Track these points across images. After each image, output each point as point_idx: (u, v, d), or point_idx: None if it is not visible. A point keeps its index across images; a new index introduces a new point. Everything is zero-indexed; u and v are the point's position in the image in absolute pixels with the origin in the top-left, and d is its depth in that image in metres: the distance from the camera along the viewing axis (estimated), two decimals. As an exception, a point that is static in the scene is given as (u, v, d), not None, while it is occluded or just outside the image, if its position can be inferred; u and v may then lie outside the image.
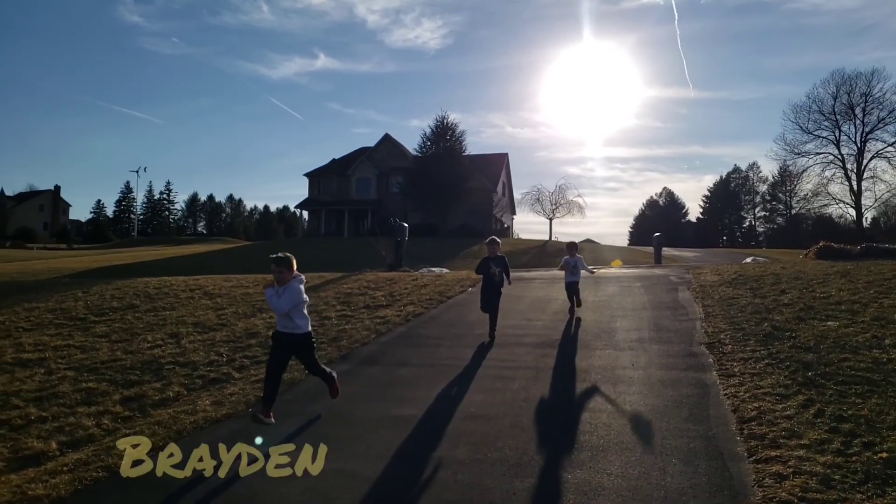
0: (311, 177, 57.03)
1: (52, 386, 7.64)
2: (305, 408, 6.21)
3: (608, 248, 44.24)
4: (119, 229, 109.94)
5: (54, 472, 4.89)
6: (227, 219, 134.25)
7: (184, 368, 8.05)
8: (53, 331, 10.74)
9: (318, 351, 7.34)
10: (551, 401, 6.01)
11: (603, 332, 8.96)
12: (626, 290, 12.79)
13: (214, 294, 13.51)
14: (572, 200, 51.20)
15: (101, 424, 6.27)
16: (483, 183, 51.38)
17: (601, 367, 7.13)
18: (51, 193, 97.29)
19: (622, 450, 4.71)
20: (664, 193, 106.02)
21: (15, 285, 17.04)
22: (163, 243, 68.81)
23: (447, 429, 5.35)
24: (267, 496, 4.22)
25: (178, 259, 33.81)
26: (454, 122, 52.62)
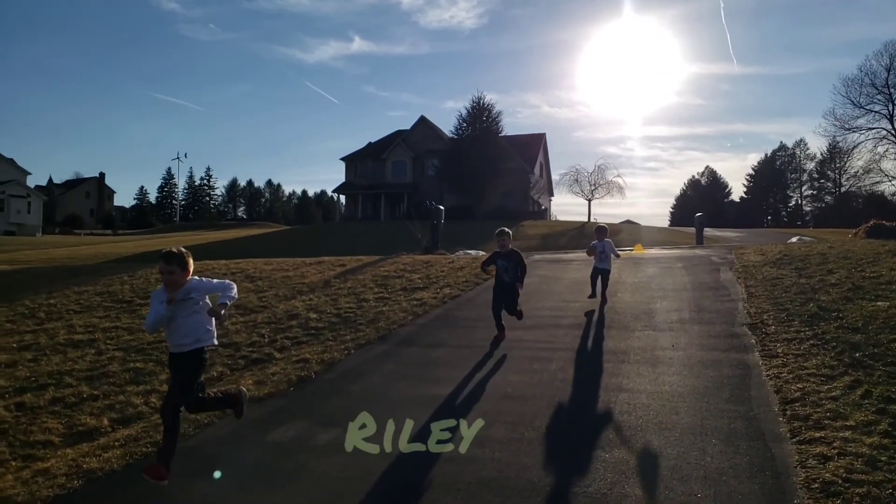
0: (348, 161, 57.44)
1: (103, 366, 7.92)
2: (347, 387, 6.31)
3: (648, 228, 43.56)
4: (162, 215, 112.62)
5: (107, 447, 5.09)
6: (266, 204, 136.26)
7: (226, 349, 8.24)
8: (102, 313, 11.10)
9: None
10: (589, 381, 5.98)
11: (642, 313, 8.86)
12: (667, 271, 12.61)
13: (255, 277, 13.76)
14: (611, 181, 50.62)
15: (148, 402, 6.49)
16: (520, 164, 51.04)
17: (640, 348, 7.07)
18: (96, 181, 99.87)
19: (661, 430, 4.68)
20: (706, 173, 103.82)
21: (65, 270, 17.64)
22: (204, 228, 70.31)
23: (484, 408, 5.38)
24: (310, 471, 4.32)
25: (219, 244, 34.53)
26: (490, 103, 52.41)
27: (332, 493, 3.96)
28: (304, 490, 4.03)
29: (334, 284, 12.46)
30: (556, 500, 3.68)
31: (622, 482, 3.86)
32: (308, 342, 8.27)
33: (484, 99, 52.18)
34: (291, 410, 5.66)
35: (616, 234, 32.31)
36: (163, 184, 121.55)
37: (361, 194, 56.25)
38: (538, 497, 3.77)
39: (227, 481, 4.30)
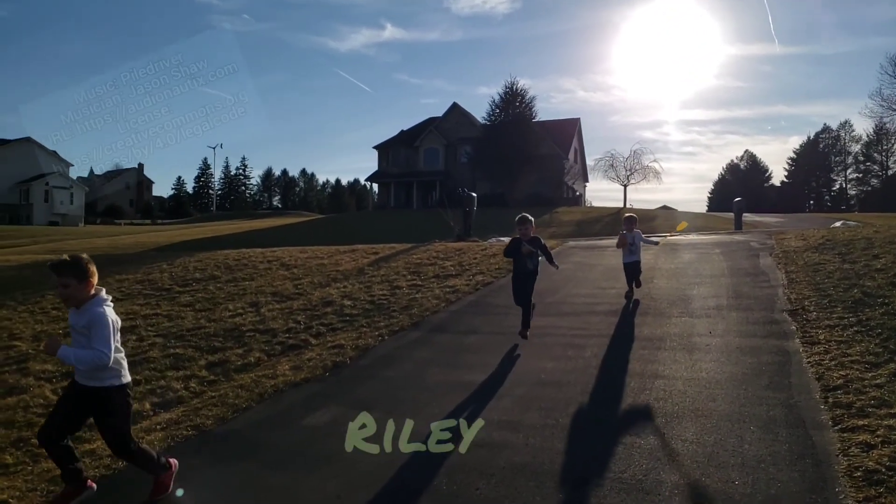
0: (380, 149, 57.62)
1: (144, 351, 8.12)
2: (381, 372, 6.37)
3: (685, 214, 42.81)
4: (199, 204, 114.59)
5: (149, 430, 5.23)
6: (300, 193, 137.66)
7: (263, 335, 8.38)
8: (142, 300, 11.37)
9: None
10: (624, 368, 5.93)
11: (679, 299, 8.73)
12: (704, 257, 12.39)
13: (291, 265, 13.94)
14: (648, 166, 49.81)
15: (188, 387, 6.64)
16: (553, 150, 50.55)
17: (676, 334, 6.97)
18: (135, 171, 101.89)
19: (697, 417, 4.61)
20: (746, 157, 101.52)
21: (106, 259, 18.11)
22: (240, 217, 71.42)
23: (518, 394, 5.38)
24: (345, 455, 4.37)
25: (255, 232, 35.05)
26: (523, 88, 51.94)
27: (367, 475, 4.01)
28: (339, 473, 4.09)
29: (368, 272, 12.55)
30: (591, 486, 3.67)
31: (658, 469, 3.82)
32: (343, 328, 8.36)
33: (517, 84, 51.81)
34: (327, 395, 5.74)
35: (651, 220, 31.91)
36: (199, 174, 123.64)
37: (394, 182, 56.42)
38: (572, 483, 3.76)
39: (265, 464, 4.38)
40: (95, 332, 3.60)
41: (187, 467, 4.34)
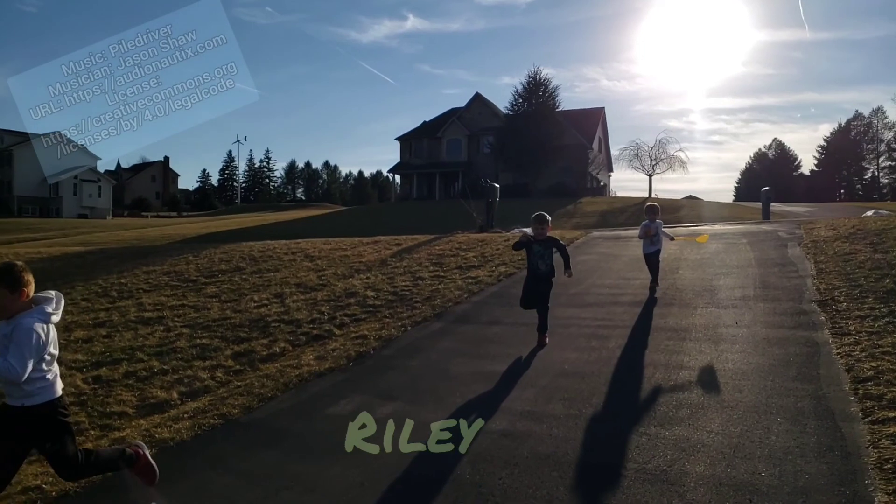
0: (403, 140, 57.66)
1: (171, 342, 8.25)
2: (404, 363, 6.40)
3: (711, 204, 42.23)
4: (224, 197, 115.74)
5: (176, 419, 5.31)
6: (323, 185, 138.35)
7: (288, 326, 8.46)
8: (169, 292, 11.54)
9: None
10: (648, 359, 5.88)
11: (704, 290, 8.63)
12: (731, 247, 12.22)
13: (314, 256, 14.04)
14: (673, 155, 49.15)
15: (215, 377, 6.74)
16: (577, 139, 50.14)
17: (702, 325, 6.89)
18: (161, 164, 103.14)
19: (723, 408, 4.56)
20: (774, 145, 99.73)
21: (134, 251, 18.40)
22: (264, 210, 72.01)
23: (541, 385, 5.37)
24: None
25: (279, 224, 35.34)
26: (547, 78, 51.53)
27: (391, 464, 4.03)
28: (362, 462, 4.11)
29: (390, 263, 12.59)
30: (614, 476, 3.65)
31: (682, 459, 3.79)
32: (366, 319, 8.41)
33: (540, 74, 51.39)
34: (350, 385, 5.79)
35: (677, 211, 31.55)
36: (224, 167, 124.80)
37: (416, 174, 56.46)
38: (595, 473, 3.75)
39: (289, 452, 4.43)
40: (14, 345, 3.23)
41: (215, 455, 4.43)
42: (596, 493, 3.49)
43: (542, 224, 6.68)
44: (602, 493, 3.47)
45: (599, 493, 3.48)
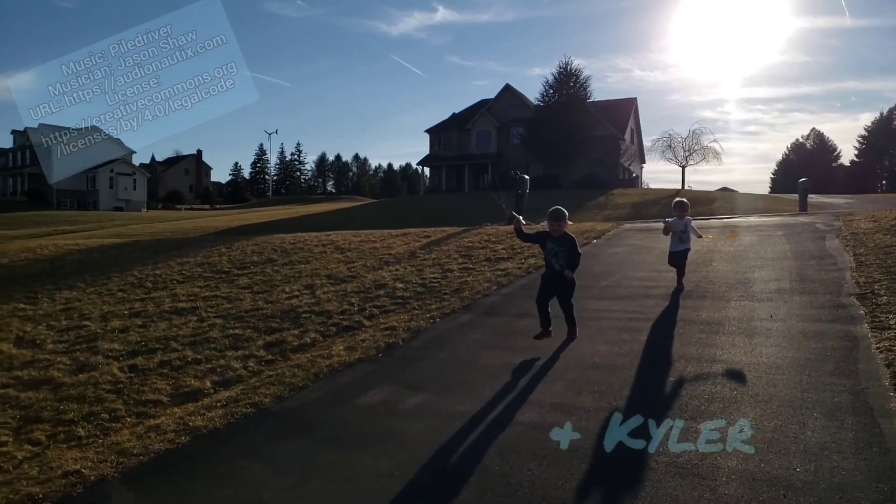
0: (432, 132, 57.58)
1: (204, 332, 8.40)
2: (432, 354, 6.42)
3: (746, 196, 41.39)
4: (255, 190, 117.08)
5: (210, 407, 5.41)
6: (353, 178, 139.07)
7: (319, 317, 8.55)
8: (203, 283, 11.74)
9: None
10: (680, 352, 5.80)
11: (738, 282, 8.47)
12: (766, 239, 11.99)
13: (344, 248, 14.14)
14: (707, 146, 47.95)
15: (247, 367, 6.84)
16: (609, 130, 49.51)
17: (736, 318, 6.77)
18: (194, 158, 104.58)
19: (756, 402, 4.48)
20: (812, 135, 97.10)
21: (168, 243, 18.74)
22: (295, 202, 72.66)
23: (570, 377, 5.33)
24: (398, 434, 4.44)
25: (310, 217, 35.64)
26: (578, 68, 50.86)
27: (420, 454, 4.05)
28: (391, 451, 4.15)
29: (419, 255, 12.61)
30: (645, 468, 3.61)
31: (714, 453, 3.73)
32: (395, 311, 8.44)
33: (571, 64, 50.74)
34: (380, 376, 5.82)
35: (711, 203, 31.01)
36: (256, 160, 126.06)
37: (445, 166, 56.38)
38: (625, 466, 3.71)
39: (320, 441, 4.48)
40: None
41: (246, 443, 4.50)
42: (626, 486, 3.45)
43: (559, 220, 6.24)
44: (632, 487, 3.43)
45: (630, 486, 3.45)
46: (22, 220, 44.28)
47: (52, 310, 10.60)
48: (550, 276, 6.33)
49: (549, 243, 6.24)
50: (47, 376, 7.17)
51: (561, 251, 6.19)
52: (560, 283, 6.25)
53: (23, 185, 71.28)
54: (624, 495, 3.37)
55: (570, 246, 6.20)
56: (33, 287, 12.67)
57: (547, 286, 6.36)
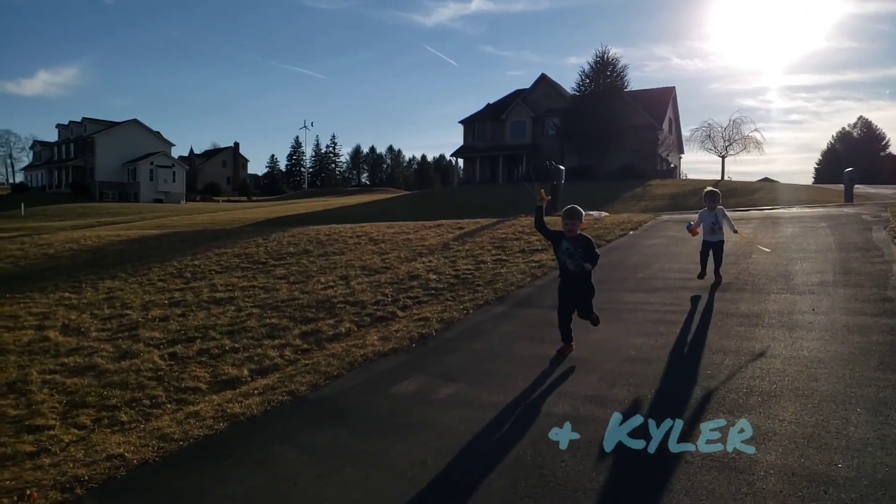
0: (466, 123, 57.41)
1: (242, 321, 8.54)
2: (465, 345, 6.42)
3: (788, 186, 40.36)
4: (291, 182, 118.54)
5: (247, 395, 5.51)
6: (387, 169, 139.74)
7: (353, 307, 8.63)
8: (240, 273, 11.94)
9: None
10: (718, 345, 5.69)
11: (779, 275, 8.28)
12: (809, 231, 11.69)
13: (378, 240, 14.23)
14: (748, 136, 46.76)
15: (283, 355, 6.95)
16: (646, 120, 48.69)
17: (776, 311, 6.62)
18: (231, 150, 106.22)
19: (797, 396, 4.38)
20: (859, 124, 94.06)
21: (207, 234, 19.10)
22: (330, 194, 73.43)
23: (605, 369, 5.28)
24: (432, 423, 4.46)
25: (344, 209, 35.93)
26: (615, 57, 50.18)
27: (453, 443, 4.07)
28: (425, 440, 4.17)
29: (453, 247, 12.62)
30: (680, 462, 3.56)
31: (751, 444, 3.66)
32: (428, 302, 8.47)
33: (608, 53, 50.07)
34: (413, 366, 5.85)
35: (752, 193, 30.33)
36: (291, 152, 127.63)
37: (479, 157, 56.19)
38: (661, 459, 3.66)
39: (355, 429, 4.53)
40: None
41: (283, 430, 4.57)
42: (661, 478, 3.41)
43: (573, 219, 5.76)
44: (667, 479, 3.39)
45: (665, 478, 3.40)
46: (66, 211, 45.65)
47: (96, 299, 10.91)
48: (566, 280, 5.87)
49: (565, 243, 5.79)
50: (91, 363, 7.38)
51: (577, 252, 5.72)
52: (578, 287, 5.81)
53: (67, 177, 73.40)
54: (659, 488, 3.32)
55: (585, 246, 5.75)
56: (77, 277, 13.06)
57: (566, 295, 5.88)
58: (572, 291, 5.83)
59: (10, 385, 6.85)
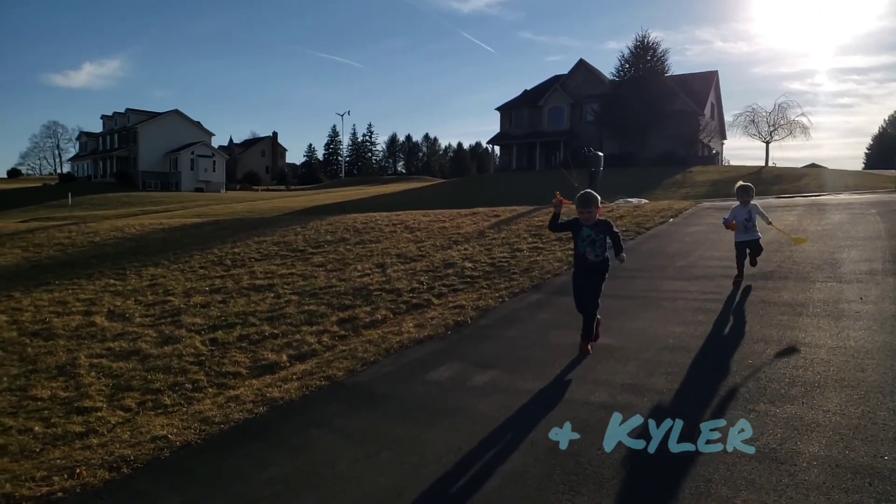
0: (503, 110, 57.02)
1: (280, 308, 8.67)
2: (502, 332, 6.41)
3: (836, 172, 39.10)
4: (328, 171, 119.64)
5: (286, 380, 5.60)
6: (423, 158, 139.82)
7: (389, 294, 8.68)
8: (279, 261, 12.12)
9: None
10: (759, 334, 5.57)
11: (825, 263, 8.05)
12: (857, 218, 11.33)
13: (414, 228, 14.28)
14: (794, 120, 45.30)
15: (321, 341, 7.03)
16: (688, 105, 47.65)
17: (821, 300, 6.44)
18: (270, 139, 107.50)
19: (842, 387, 4.26)
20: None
21: (246, 222, 19.42)
22: (366, 183, 73.88)
23: (643, 358, 5.22)
24: (467, 410, 4.47)
25: (381, 197, 36.13)
26: (656, 41, 49.25)
27: (488, 430, 4.07)
28: (460, 426, 4.18)
29: (488, 234, 12.59)
30: (719, 451, 3.49)
31: (794, 438, 3.58)
32: (463, 290, 8.47)
33: (648, 37, 49.10)
34: (448, 353, 5.87)
35: (798, 180, 29.54)
36: (328, 141, 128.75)
37: (516, 144, 55.80)
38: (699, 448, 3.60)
39: (391, 414, 4.57)
40: None
41: (320, 415, 4.64)
42: (699, 467, 3.36)
43: (589, 206, 5.37)
44: (705, 468, 3.33)
45: (703, 467, 3.35)
46: (111, 200, 46.94)
47: (140, 285, 11.20)
48: (583, 269, 5.54)
49: (585, 229, 5.44)
50: (136, 348, 7.59)
51: (599, 238, 5.40)
52: (593, 277, 5.50)
53: (111, 167, 75.28)
54: (698, 478, 3.27)
55: (608, 232, 5.43)
56: (122, 264, 13.43)
57: (581, 288, 5.59)
58: (587, 277, 5.52)
59: (60, 368, 7.09)
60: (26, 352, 7.78)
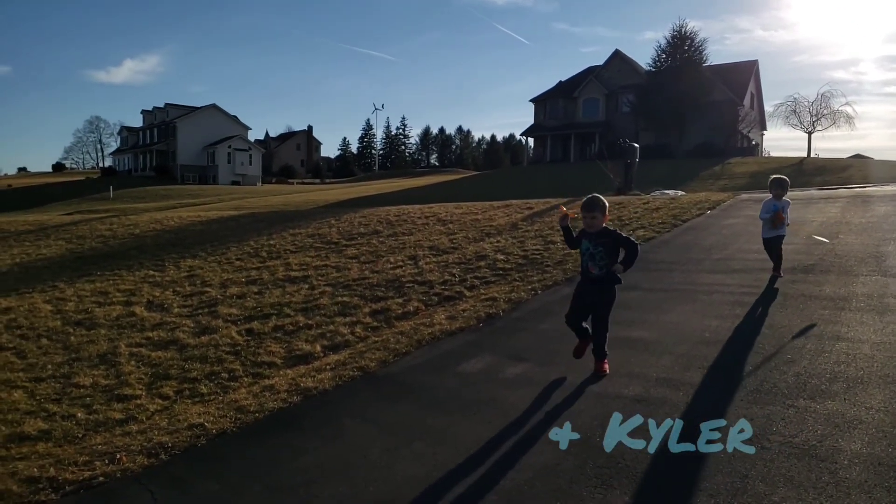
0: (537, 102, 56.62)
1: (315, 299, 8.77)
2: (533, 325, 6.38)
3: (882, 163, 37.87)
4: (362, 164, 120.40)
5: (319, 370, 5.66)
6: (456, 150, 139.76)
7: (421, 286, 8.70)
8: (313, 253, 12.25)
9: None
10: (799, 329, 5.43)
11: (869, 256, 7.82)
12: (902, 210, 10.96)
13: (446, 220, 14.28)
14: (838, 110, 44.02)
15: (354, 332, 7.09)
16: (726, 95, 46.68)
17: (865, 294, 6.26)
18: (304, 133, 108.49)
19: (886, 383, 4.13)
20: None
21: (282, 215, 19.66)
22: (400, 176, 74.18)
23: (678, 352, 5.14)
24: (499, 401, 4.47)
25: (414, 190, 36.23)
26: (693, 31, 48.42)
27: (519, 422, 4.06)
28: (492, 418, 4.18)
29: (521, 227, 12.53)
30: (757, 447, 3.41)
31: (834, 435, 3.49)
32: (496, 282, 8.45)
33: (686, 26, 48.26)
34: (480, 344, 5.86)
35: (842, 171, 28.76)
36: (363, 134, 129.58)
37: (550, 136, 55.37)
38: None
39: (422, 405, 4.58)
40: None
41: (353, 405, 4.69)
42: (736, 464, 3.29)
43: (592, 211, 4.71)
44: (743, 465, 3.27)
45: (740, 464, 3.28)
46: (150, 193, 47.95)
47: (178, 277, 11.43)
48: (585, 284, 4.91)
49: (584, 242, 4.80)
50: (174, 337, 7.75)
51: (598, 251, 4.71)
52: (597, 294, 4.82)
53: (151, 161, 76.90)
54: (735, 474, 3.21)
55: (614, 240, 4.74)
56: (161, 256, 13.72)
57: (580, 300, 4.93)
58: (588, 294, 4.86)
59: (101, 357, 7.29)
60: (69, 340, 8.02)
